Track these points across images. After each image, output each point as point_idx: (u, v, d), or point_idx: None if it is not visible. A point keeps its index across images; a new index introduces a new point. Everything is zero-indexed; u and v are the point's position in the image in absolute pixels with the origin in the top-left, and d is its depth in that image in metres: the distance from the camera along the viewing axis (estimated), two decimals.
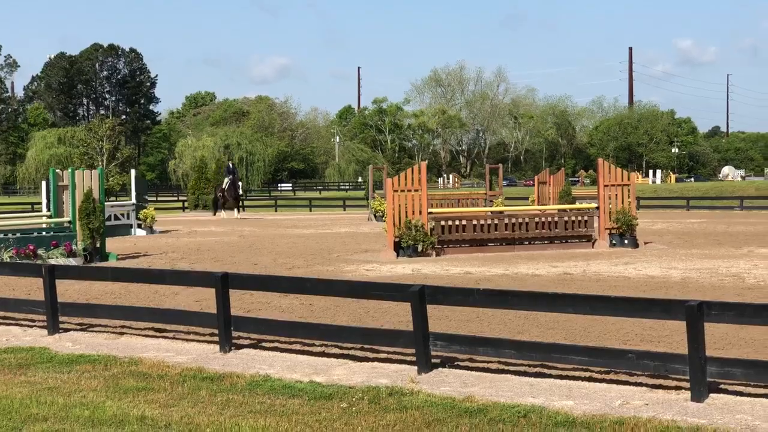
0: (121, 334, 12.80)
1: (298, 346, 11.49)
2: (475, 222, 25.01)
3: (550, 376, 9.68)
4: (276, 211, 64.29)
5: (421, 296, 9.94)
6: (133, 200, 35.66)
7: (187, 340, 12.29)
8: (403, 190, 23.90)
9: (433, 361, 10.15)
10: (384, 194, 36.11)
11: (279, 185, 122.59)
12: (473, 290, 10.55)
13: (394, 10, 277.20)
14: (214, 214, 50.66)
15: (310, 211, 62.56)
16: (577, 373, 9.66)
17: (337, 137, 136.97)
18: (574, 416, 8.12)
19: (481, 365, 10.19)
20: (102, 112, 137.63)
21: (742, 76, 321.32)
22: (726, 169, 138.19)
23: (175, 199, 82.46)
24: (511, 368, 9.99)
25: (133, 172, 40.04)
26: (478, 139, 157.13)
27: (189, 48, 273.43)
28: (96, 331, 13.04)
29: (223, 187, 48.49)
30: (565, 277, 18.38)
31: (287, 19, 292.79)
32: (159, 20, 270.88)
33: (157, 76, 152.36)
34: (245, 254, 24.61)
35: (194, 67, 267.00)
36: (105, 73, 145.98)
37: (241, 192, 48.53)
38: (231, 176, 47.85)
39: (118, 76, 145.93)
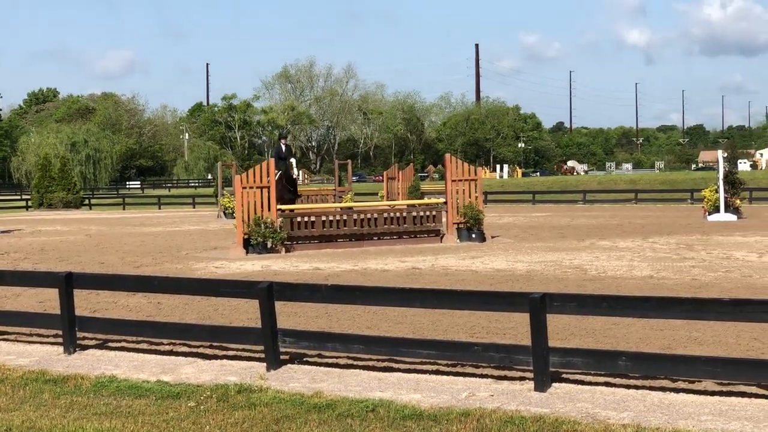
0: None
1: (145, 346, 11.34)
2: (324, 218, 25.05)
3: (398, 370, 9.77)
4: (124, 209, 63.27)
5: (269, 293, 9.91)
6: None
7: (29, 342, 11.99)
8: (252, 187, 23.77)
9: (282, 357, 10.14)
10: (233, 191, 35.80)
11: (127, 183, 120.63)
12: (321, 286, 10.57)
13: (240, 4, 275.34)
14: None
15: (159, 208, 61.66)
16: (424, 367, 9.77)
17: (186, 134, 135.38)
18: (421, 409, 8.21)
19: (330, 360, 10.22)
20: None
21: (584, 72, 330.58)
22: (570, 164, 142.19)
23: (18, 197, 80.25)
24: (360, 363, 10.05)
25: None
26: (328, 135, 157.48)
27: (29, 43, 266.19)
28: None
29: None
30: (414, 272, 18.54)
31: (128, 12, 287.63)
32: None
33: None
34: (91, 253, 24.12)
35: (35, 62, 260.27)
36: None
37: (297, 177, 32.92)
38: (284, 161, 30.37)
39: None
